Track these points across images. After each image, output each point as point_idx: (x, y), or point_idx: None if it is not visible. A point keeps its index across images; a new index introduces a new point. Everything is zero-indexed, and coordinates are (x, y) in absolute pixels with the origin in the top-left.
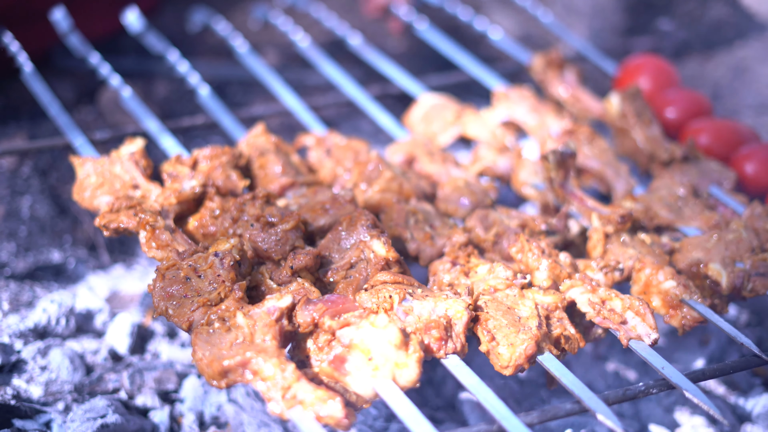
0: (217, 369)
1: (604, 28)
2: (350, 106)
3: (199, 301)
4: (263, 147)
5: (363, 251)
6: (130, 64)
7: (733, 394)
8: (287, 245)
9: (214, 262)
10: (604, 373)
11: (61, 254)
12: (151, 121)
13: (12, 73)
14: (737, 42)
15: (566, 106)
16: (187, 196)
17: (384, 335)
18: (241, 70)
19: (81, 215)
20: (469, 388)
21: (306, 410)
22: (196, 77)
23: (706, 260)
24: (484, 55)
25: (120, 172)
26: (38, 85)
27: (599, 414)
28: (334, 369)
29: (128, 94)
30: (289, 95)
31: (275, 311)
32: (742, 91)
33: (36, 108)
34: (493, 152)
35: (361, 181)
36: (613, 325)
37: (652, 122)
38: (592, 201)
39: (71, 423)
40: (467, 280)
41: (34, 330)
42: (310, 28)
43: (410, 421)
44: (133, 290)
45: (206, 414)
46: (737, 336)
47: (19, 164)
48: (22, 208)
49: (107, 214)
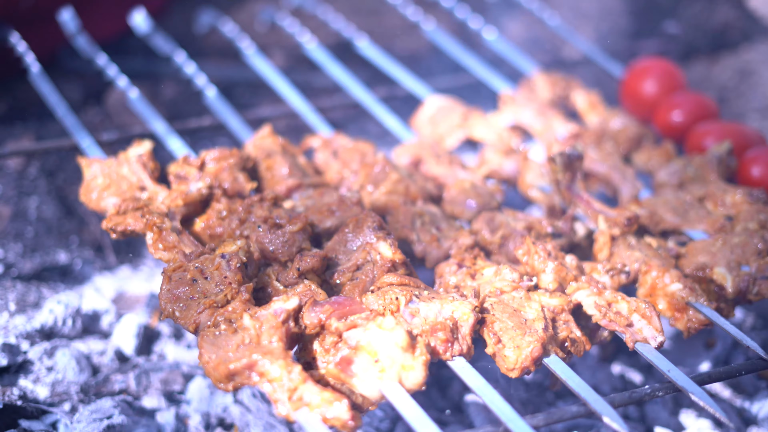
0: (224, 372)
1: (611, 31)
2: (357, 108)
3: (205, 303)
4: (270, 148)
5: (369, 253)
6: (138, 65)
7: (739, 398)
8: (294, 247)
9: (221, 263)
10: (610, 376)
11: (68, 255)
12: (158, 123)
13: (19, 74)
14: (743, 45)
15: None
16: (194, 197)
17: (391, 337)
18: (248, 71)
19: (88, 216)
20: (475, 390)
21: (312, 412)
22: (203, 78)
23: (711, 264)
24: (491, 57)
25: (127, 173)
26: (45, 86)
27: (605, 417)
28: (340, 371)
29: (135, 96)
30: (295, 97)
31: (282, 313)
32: (748, 94)
33: (43, 109)
34: (500, 155)
35: (367, 183)
36: (619, 328)
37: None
38: (599, 204)
39: (77, 424)
40: (473, 282)
41: (41, 331)
42: (317, 29)
43: (416, 423)
44: (139, 291)
45: (212, 415)
46: (743, 339)
47: (26, 165)
48: (29, 208)
49: (114, 217)
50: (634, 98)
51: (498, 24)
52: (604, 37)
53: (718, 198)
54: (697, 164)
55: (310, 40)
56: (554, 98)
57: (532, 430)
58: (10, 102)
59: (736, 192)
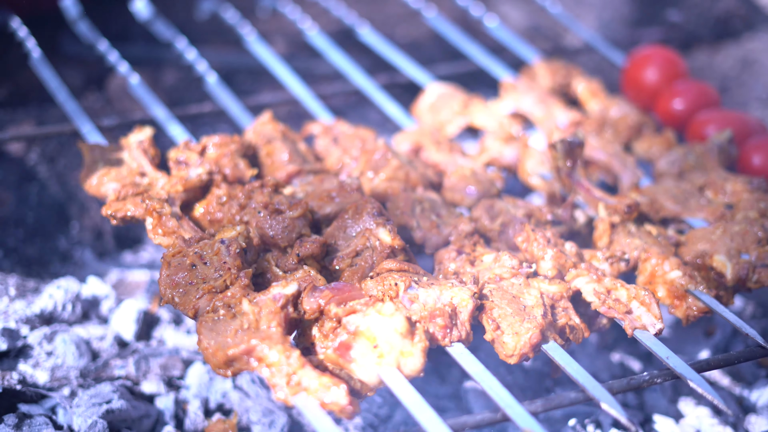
0: (223, 358)
1: (613, 18)
2: (358, 95)
3: (204, 288)
4: (270, 135)
5: (368, 239)
6: (138, 51)
7: (738, 386)
8: (294, 232)
9: (221, 249)
10: (609, 363)
11: (68, 241)
12: (159, 109)
13: (20, 60)
14: (746, 34)
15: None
16: (194, 183)
17: (390, 323)
18: (249, 58)
19: (88, 202)
20: (474, 376)
21: (310, 397)
22: (204, 65)
23: (711, 252)
24: (492, 44)
25: (128, 159)
26: (46, 71)
27: (603, 403)
28: (339, 356)
29: (136, 82)
30: (296, 84)
31: (281, 298)
32: (750, 84)
33: (44, 94)
34: (500, 143)
35: (367, 170)
36: (618, 315)
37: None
38: (599, 191)
39: (77, 408)
40: (473, 269)
41: (41, 316)
42: (319, 16)
43: (415, 408)
44: (139, 277)
45: (211, 401)
46: (742, 327)
47: (26, 150)
48: (30, 194)
49: (114, 203)
50: (636, 86)
51: (499, 11)
52: (605, 25)
53: (719, 186)
54: (698, 153)
55: (311, 26)
56: (555, 86)
57: (531, 416)
58: (11, 87)
59: (737, 180)
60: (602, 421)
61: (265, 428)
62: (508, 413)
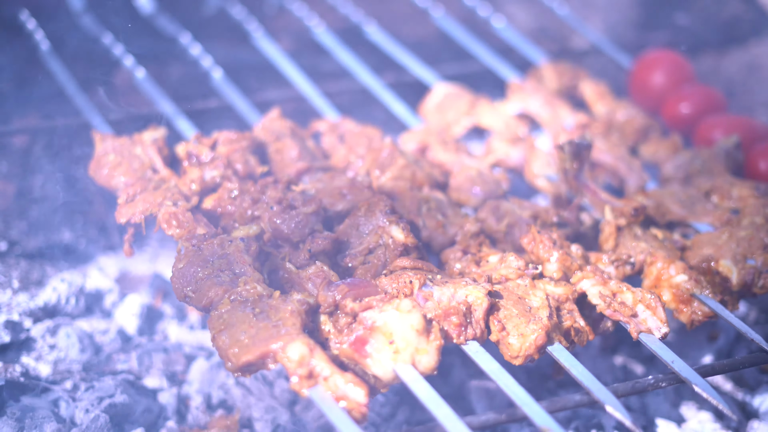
0: (239, 356)
1: (620, 21)
2: (364, 93)
3: (218, 284)
4: (279, 131)
5: (381, 237)
6: (144, 45)
7: (740, 391)
8: (307, 228)
9: (239, 245)
10: (612, 366)
11: (72, 234)
12: (165, 103)
13: (27, 52)
14: (753, 39)
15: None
16: (208, 185)
17: (407, 319)
18: (255, 54)
19: (92, 195)
20: (490, 374)
21: (328, 392)
22: (209, 60)
23: (717, 256)
24: (499, 45)
25: (140, 154)
26: (53, 63)
27: (608, 406)
28: (354, 350)
29: (142, 76)
30: (303, 81)
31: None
32: (756, 89)
33: (49, 87)
34: (507, 144)
35: (374, 168)
36: (623, 318)
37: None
38: (605, 194)
39: (79, 402)
40: (478, 269)
41: (44, 309)
42: (326, 14)
43: (432, 405)
44: (143, 271)
45: (214, 396)
46: (747, 332)
47: (31, 143)
48: (34, 186)
49: (124, 208)
50: (643, 89)
51: (506, 12)
52: (612, 28)
53: (725, 191)
54: (705, 157)
55: (318, 24)
56: (562, 88)
57: (547, 413)
58: (17, 79)
59: (743, 186)
60: (604, 424)
61: (267, 425)
62: (525, 411)
